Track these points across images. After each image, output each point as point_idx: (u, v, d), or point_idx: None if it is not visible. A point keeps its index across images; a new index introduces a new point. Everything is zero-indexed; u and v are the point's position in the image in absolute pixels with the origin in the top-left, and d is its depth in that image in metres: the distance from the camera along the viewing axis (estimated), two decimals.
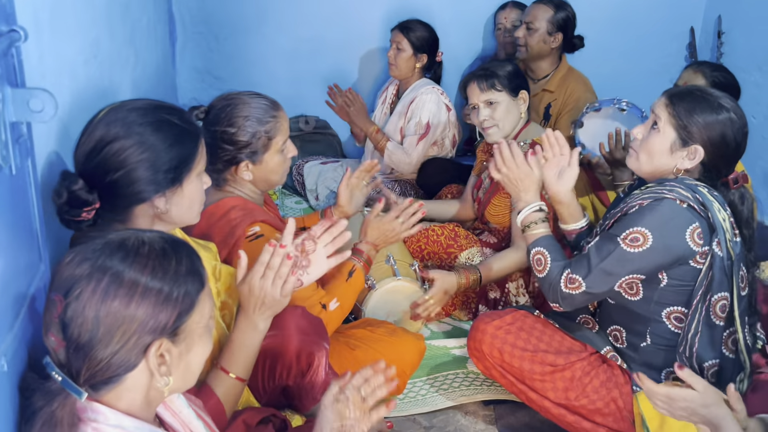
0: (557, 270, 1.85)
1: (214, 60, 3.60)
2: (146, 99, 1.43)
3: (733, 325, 1.85)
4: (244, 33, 3.61)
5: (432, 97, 3.15)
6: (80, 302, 0.93)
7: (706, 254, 1.78)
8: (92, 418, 0.97)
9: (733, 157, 1.86)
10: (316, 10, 3.60)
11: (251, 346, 1.46)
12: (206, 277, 1.05)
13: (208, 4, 3.53)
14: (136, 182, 1.30)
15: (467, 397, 2.16)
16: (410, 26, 3.21)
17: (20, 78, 1.08)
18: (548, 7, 3.15)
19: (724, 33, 3.65)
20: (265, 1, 3.56)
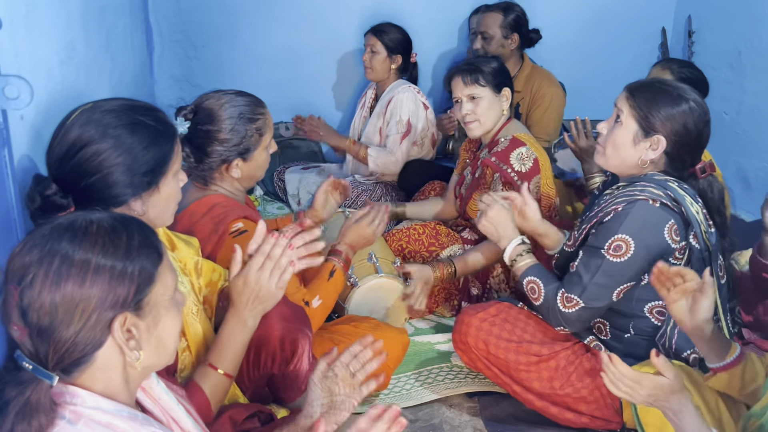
0: (552, 293, 1.88)
1: (192, 68, 3.60)
2: (119, 99, 1.41)
3: (715, 314, 1.87)
4: (222, 40, 3.61)
5: (409, 95, 3.17)
6: (34, 288, 0.93)
7: (684, 248, 1.81)
8: (69, 401, 0.97)
9: (696, 146, 1.89)
10: (291, 17, 3.61)
11: (239, 342, 1.45)
12: (164, 250, 1.04)
13: (185, 13, 3.53)
14: (112, 186, 1.28)
15: (452, 390, 2.16)
16: (383, 29, 3.25)
17: None
18: (497, 13, 3.23)
19: (694, 32, 3.72)
20: (241, 9, 3.56)
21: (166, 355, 1.07)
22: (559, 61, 3.42)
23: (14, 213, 1.16)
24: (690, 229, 1.79)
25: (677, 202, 1.78)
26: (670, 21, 3.90)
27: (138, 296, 0.99)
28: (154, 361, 1.06)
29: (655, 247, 1.77)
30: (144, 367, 1.05)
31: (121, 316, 0.97)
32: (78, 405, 0.98)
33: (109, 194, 1.29)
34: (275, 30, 3.63)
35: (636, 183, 1.84)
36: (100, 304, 0.96)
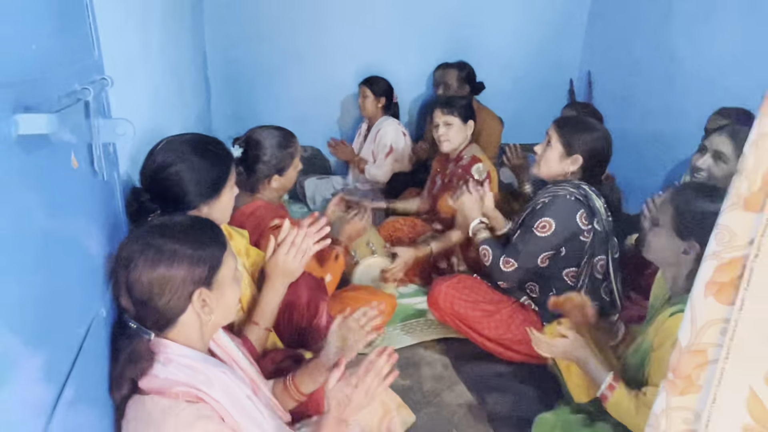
0: (497, 257, 1.91)
1: (238, 108, 3.59)
2: (192, 133, 1.45)
3: (608, 279, 1.90)
4: (259, 89, 3.61)
5: (392, 126, 3.21)
6: (136, 271, 0.97)
7: (590, 230, 1.84)
8: (162, 350, 1.01)
9: (604, 163, 1.94)
10: (310, 72, 3.61)
11: (273, 304, 1.46)
12: (227, 242, 1.07)
13: (232, 70, 3.53)
14: (186, 195, 1.30)
15: (426, 336, 2.19)
16: (372, 80, 3.28)
17: (108, 112, 1.07)
18: (454, 70, 3.26)
19: (593, 83, 3.75)
20: (272, 67, 3.57)
21: (229, 316, 1.11)
22: (499, 101, 3.44)
23: (121, 215, 1.16)
24: (594, 217, 1.83)
25: (587, 198, 1.83)
26: (575, 74, 3.93)
27: (209, 276, 1.02)
28: (221, 321, 1.09)
29: (569, 227, 1.82)
30: (214, 325, 1.08)
31: (198, 290, 0.99)
32: (168, 353, 1.01)
33: (185, 201, 1.31)
34: (298, 81, 3.63)
35: (559, 184, 1.88)
36: (183, 282, 0.98)
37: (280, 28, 3.49)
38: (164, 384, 0.96)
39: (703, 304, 0.71)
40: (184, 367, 0.98)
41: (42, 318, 0.71)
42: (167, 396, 0.94)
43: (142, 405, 0.95)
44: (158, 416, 0.92)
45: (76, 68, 0.89)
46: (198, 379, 0.98)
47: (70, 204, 0.84)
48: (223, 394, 0.99)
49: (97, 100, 0.97)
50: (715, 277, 0.69)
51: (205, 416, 0.93)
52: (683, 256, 1.36)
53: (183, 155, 1.31)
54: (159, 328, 1.00)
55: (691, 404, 0.76)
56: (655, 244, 1.43)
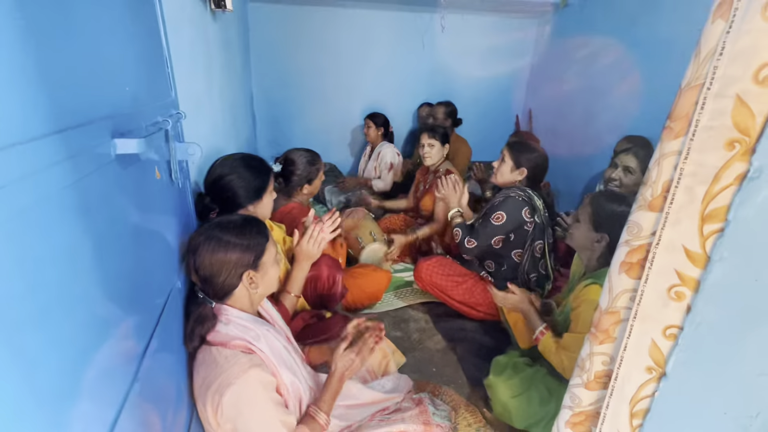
0: (464, 237, 1.89)
1: (276, 135, 3.56)
2: (241, 153, 1.43)
3: (544, 257, 1.90)
4: (291, 121, 3.57)
5: (389, 150, 3.16)
6: (201, 255, 0.95)
7: (532, 222, 1.82)
8: (224, 312, 0.99)
9: (543, 174, 1.92)
10: (328, 109, 3.58)
11: (300, 277, 1.45)
12: (270, 234, 1.05)
13: (272, 107, 3.49)
14: (237, 198, 1.29)
15: (413, 300, 2.17)
16: (373, 115, 3.23)
17: (182, 137, 1.05)
18: (443, 107, 3.21)
19: (534, 117, 3.73)
20: (301, 104, 3.53)
21: (271, 289, 1.08)
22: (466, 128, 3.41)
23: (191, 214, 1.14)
24: (535, 213, 1.82)
25: (530, 198, 1.81)
26: (520, 110, 3.91)
27: (256, 260, 1.00)
28: (265, 292, 1.07)
29: (517, 219, 1.81)
30: (260, 296, 1.05)
31: (247, 272, 0.97)
32: (229, 315, 0.99)
33: (236, 202, 1.30)
34: (320, 115, 3.60)
35: (510, 188, 1.86)
36: (235, 265, 0.96)
37: (306, 76, 3.45)
38: (225, 338, 0.95)
39: (618, 278, 0.70)
40: (239, 326, 0.97)
41: (133, 290, 0.70)
42: (228, 347, 0.93)
43: (210, 353, 0.94)
44: (223, 362, 0.91)
45: (158, 105, 0.87)
46: (249, 335, 0.96)
47: (154, 205, 0.83)
48: (266, 346, 0.98)
49: (174, 128, 0.95)
50: (627, 259, 0.69)
51: (256, 364, 0.92)
52: (596, 244, 1.37)
53: (234, 168, 1.30)
54: (220, 298, 0.99)
55: (607, 351, 0.75)
56: (576, 234, 1.43)
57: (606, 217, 1.35)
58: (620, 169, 1.73)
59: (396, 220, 2.61)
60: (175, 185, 0.97)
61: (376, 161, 3.20)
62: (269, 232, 1.06)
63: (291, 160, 1.82)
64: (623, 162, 1.71)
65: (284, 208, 1.78)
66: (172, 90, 0.98)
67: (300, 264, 1.43)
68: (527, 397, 1.37)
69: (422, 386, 1.60)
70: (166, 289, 0.88)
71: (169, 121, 0.83)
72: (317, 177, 1.88)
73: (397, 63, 3.57)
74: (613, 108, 2.92)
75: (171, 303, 0.88)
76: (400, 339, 1.90)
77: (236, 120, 2.49)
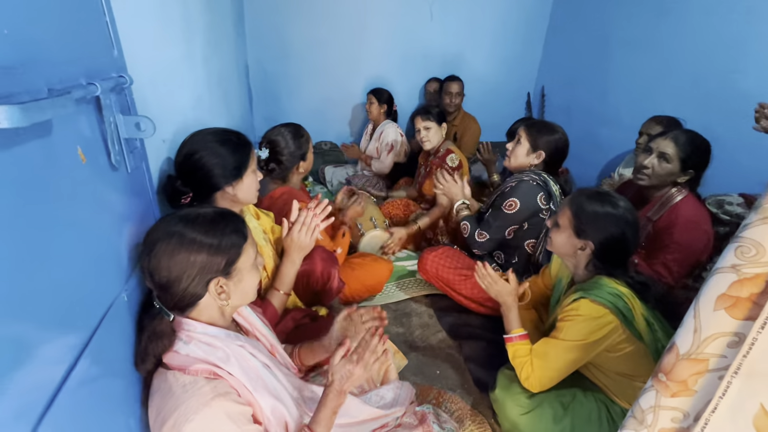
0: (473, 230, 1.69)
1: (273, 111, 3.29)
2: (215, 127, 1.16)
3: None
4: (289, 97, 3.29)
5: (391, 129, 2.89)
6: (157, 258, 0.72)
7: (548, 210, 1.61)
8: (185, 328, 0.77)
9: (562, 159, 1.69)
10: (329, 83, 3.28)
11: (291, 272, 1.25)
12: (248, 233, 0.81)
13: (269, 80, 3.21)
14: (211, 177, 1.05)
15: (416, 292, 1.97)
16: (376, 91, 2.95)
17: (132, 110, 0.82)
18: (458, 82, 2.93)
19: (546, 96, 3.44)
20: (300, 78, 3.24)
21: (248, 299, 0.85)
22: (472, 106, 3.14)
23: (152, 205, 0.92)
24: (551, 199, 1.60)
25: (545, 183, 1.59)
26: (532, 88, 3.62)
27: (228, 266, 0.76)
28: (240, 303, 0.84)
29: (531, 206, 1.60)
30: (233, 307, 0.83)
31: (216, 279, 0.75)
32: (191, 331, 0.77)
33: (210, 183, 1.07)
34: (320, 90, 3.31)
35: (523, 172, 1.64)
36: (201, 270, 0.73)
37: (306, 47, 3.15)
38: (185, 361, 0.74)
39: (712, 316, 0.49)
40: (203, 345, 0.76)
41: (51, 304, 0.49)
42: (188, 373, 0.73)
43: (165, 380, 0.73)
44: (179, 392, 0.70)
45: (84, 64, 0.64)
46: (216, 356, 0.76)
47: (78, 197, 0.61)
48: (238, 369, 0.77)
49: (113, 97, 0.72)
50: (731, 291, 0.47)
51: (221, 393, 0.72)
52: (580, 251, 1.17)
53: (206, 143, 1.07)
54: (180, 310, 0.77)
55: (682, 406, 0.54)
56: (557, 241, 1.22)
57: (588, 220, 1.13)
58: (655, 155, 1.48)
59: (398, 205, 2.38)
60: (121, 171, 0.75)
61: (378, 141, 2.94)
62: (248, 231, 0.83)
63: (274, 141, 1.58)
64: (659, 147, 1.46)
65: (273, 193, 1.56)
66: (113, 47, 0.75)
67: (290, 257, 1.23)
68: (539, 413, 1.18)
69: (425, 392, 1.42)
70: (104, 302, 0.67)
71: (96, 86, 0.60)
72: (309, 149, 1.63)
73: (403, 35, 3.25)
74: (634, 86, 2.63)
75: (111, 319, 0.68)
76: (401, 335, 1.71)
77: (227, 93, 2.24)
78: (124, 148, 0.75)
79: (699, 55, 2.21)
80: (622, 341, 1.11)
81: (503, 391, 1.25)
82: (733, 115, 2.03)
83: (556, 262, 1.43)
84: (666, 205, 1.50)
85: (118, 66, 0.76)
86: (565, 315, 1.14)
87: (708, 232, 1.47)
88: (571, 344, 1.11)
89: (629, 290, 1.11)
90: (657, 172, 1.48)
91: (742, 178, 1.97)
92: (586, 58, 3.03)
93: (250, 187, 1.14)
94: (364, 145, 3.13)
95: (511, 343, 1.24)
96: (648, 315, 1.10)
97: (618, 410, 1.20)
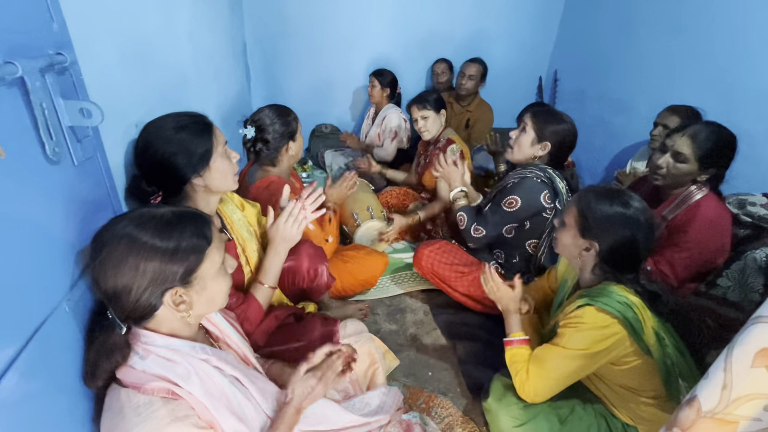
0: (470, 223, 1.57)
1: (272, 91, 3.16)
2: (168, 113, 1.01)
3: None
4: (289, 76, 3.15)
5: (395, 114, 2.75)
6: (103, 265, 0.62)
7: (553, 208, 1.50)
8: (142, 340, 0.68)
9: (568, 151, 1.56)
10: (329, 63, 3.13)
11: (276, 265, 1.16)
12: (212, 237, 0.71)
13: (269, 58, 3.07)
14: (175, 170, 0.94)
15: (412, 287, 1.89)
16: (379, 72, 2.79)
17: (80, 93, 0.72)
18: (479, 64, 2.77)
19: (558, 80, 3.26)
20: (300, 58, 3.10)
21: (216, 306, 0.75)
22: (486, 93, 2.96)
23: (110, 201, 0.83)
24: (557, 198, 1.49)
25: (551, 180, 1.48)
26: (544, 72, 3.43)
27: (187, 275, 0.66)
28: (206, 311, 0.74)
29: (533, 205, 1.49)
30: (198, 316, 0.73)
31: (172, 289, 0.65)
32: (149, 344, 0.68)
33: (174, 176, 0.95)
34: (320, 71, 3.16)
35: (527, 167, 1.53)
36: (153, 281, 0.64)
37: (305, 25, 2.99)
38: (140, 378, 0.66)
39: (748, 373, 0.39)
40: (162, 360, 0.68)
41: None
42: (143, 391, 0.65)
43: (117, 398, 0.65)
44: (130, 414, 0.63)
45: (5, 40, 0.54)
46: (176, 372, 0.67)
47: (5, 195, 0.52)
48: (199, 387, 0.69)
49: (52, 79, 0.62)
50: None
51: (178, 418, 0.64)
52: (584, 252, 1.08)
53: (160, 134, 0.94)
54: (135, 321, 0.68)
55: None
56: (562, 241, 1.13)
57: (595, 219, 1.04)
58: (669, 153, 1.35)
59: (397, 194, 2.28)
60: (65, 164, 0.65)
61: (380, 127, 2.81)
62: (213, 232, 0.73)
63: (260, 122, 1.47)
64: (675, 146, 1.32)
65: (261, 182, 1.46)
66: (51, 20, 0.64)
67: (275, 249, 1.14)
68: (533, 427, 1.11)
69: (415, 395, 1.36)
70: (40, 312, 0.59)
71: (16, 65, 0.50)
72: (297, 130, 1.51)
73: (408, 13, 3.07)
74: (653, 72, 2.46)
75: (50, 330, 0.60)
76: (394, 333, 1.64)
77: (219, 72, 2.11)
78: (68, 137, 0.66)
79: (727, 42, 2.03)
80: (629, 354, 1.02)
81: (497, 401, 1.17)
82: (762, 107, 1.87)
83: (564, 263, 1.34)
84: (684, 204, 1.38)
85: (58, 42, 0.65)
86: (568, 321, 1.05)
87: (726, 235, 1.35)
88: (572, 353, 1.03)
89: (640, 300, 1.01)
90: (672, 172, 1.36)
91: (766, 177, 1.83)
92: (603, 40, 2.84)
93: (223, 173, 1.01)
94: (365, 129, 3.00)
95: (511, 346, 1.16)
96: (658, 328, 1.01)
97: (619, 425, 1.12)
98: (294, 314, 1.28)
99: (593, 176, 2.87)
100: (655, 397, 1.05)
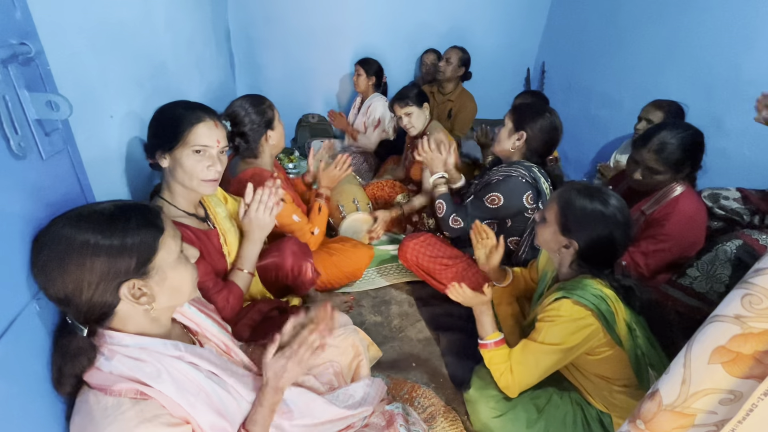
0: (448, 213, 1.59)
1: (256, 79, 3.11)
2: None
3: None
4: (274, 65, 3.09)
5: (380, 103, 2.74)
6: (46, 269, 0.61)
7: (534, 209, 1.52)
8: (108, 341, 0.67)
9: (549, 144, 1.57)
10: (314, 52, 3.08)
11: (252, 252, 1.18)
12: (164, 225, 0.69)
13: (254, 45, 3.00)
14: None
15: (397, 279, 1.90)
16: (365, 61, 2.77)
17: (48, 85, 0.69)
18: (459, 51, 2.72)
19: (546, 71, 3.27)
20: (285, 45, 3.04)
21: (183, 297, 0.74)
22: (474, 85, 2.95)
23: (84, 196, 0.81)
24: (540, 198, 1.50)
25: (535, 181, 1.49)
26: (532, 63, 3.44)
27: (141, 265, 0.64)
28: (174, 303, 0.73)
29: (515, 205, 1.50)
30: (165, 308, 0.72)
31: (128, 282, 0.64)
32: (114, 345, 0.67)
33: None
34: (305, 58, 3.11)
35: (513, 165, 1.53)
36: (104, 276, 0.61)
37: (289, 11, 2.93)
38: (107, 380, 0.65)
39: (705, 369, 0.41)
40: (129, 360, 0.66)
41: None
42: (110, 393, 0.63)
43: (86, 400, 0.64)
44: (98, 417, 0.61)
45: None
46: (144, 371, 0.66)
47: None
48: (172, 385, 0.68)
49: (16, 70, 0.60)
50: (732, 345, 0.38)
51: (147, 419, 0.63)
52: (564, 249, 1.10)
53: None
54: (96, 322, 0.67)
55: None
56: (542, 236, 1.15)
57: (575, 217, 1.06)
58: (641, 169, 1.38)
59: (384, 186, 2.28)
60: (31, 158, 0.64)
61: (365, 115, 2.79)
62: (163, 221, 0.70)
63: (234, 114, 1.44)
64: (644, 162, 1.35)
65: (243, 175, 1.44)
66: (14, 8, 0.62)
67: (251, 237, 1.16)
68: (512, 417, 1.14)
69: (399, 385, 1.38)
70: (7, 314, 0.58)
71: None
72: (274, 117, 1.49)
73: (395, 3, 3.03)
74: (639, 66, 2.48)
75: (18, 332, 0.59)
76: (379, 325, 1.65)
77: (200, 60, 2.07)
78: (35, 131, 0.64)
79: (708, 37, 2.06)
80: (602, 345, 1.06)
81: (477, 391, 1.20)
82: (740, 103, 1.91)
83: (544, 256, 1.37)
84: (664, 199, 1.42)
85: (22, 31, 0.63)
86: (545, 315, 1.08)
87: (702, 230, 1.39)
88: (550, 348, 1.06)
89: (614, 293, 1.04)
90: (650, 182, 1.39)
91: (742, 171, 1.87)
92: (591, 33, 2.85)
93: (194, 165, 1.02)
94: (351, 119, 2.98)
95: (486, 349, 1.18)
96: (630, 320, 1.04)
97: (594, 413, 1.16)
98: (278, 308, 1.28)
99: (580, 168, 2.91)
100: (627, 386, 1.09)
